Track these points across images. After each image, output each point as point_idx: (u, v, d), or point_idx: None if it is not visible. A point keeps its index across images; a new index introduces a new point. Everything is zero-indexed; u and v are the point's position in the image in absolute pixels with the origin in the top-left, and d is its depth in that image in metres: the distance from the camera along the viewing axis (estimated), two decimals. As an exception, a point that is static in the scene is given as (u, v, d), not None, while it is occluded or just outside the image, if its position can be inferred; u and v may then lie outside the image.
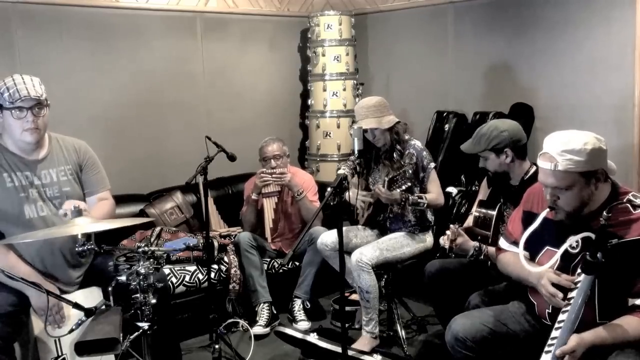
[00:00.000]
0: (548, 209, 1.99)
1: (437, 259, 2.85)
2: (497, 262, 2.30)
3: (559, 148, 1.88)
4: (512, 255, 2.20)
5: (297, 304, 3.54)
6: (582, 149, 1.86)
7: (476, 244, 2.50)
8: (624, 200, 1.91)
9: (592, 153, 1.86)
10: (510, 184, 2.64)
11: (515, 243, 2.20)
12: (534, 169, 2.61)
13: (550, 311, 2.01)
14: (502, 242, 2.30)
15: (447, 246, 2.51)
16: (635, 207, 1.89)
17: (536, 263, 2.08)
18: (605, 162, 1.94)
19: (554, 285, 1.92)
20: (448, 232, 2.52)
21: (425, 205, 3.03)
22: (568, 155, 1.86)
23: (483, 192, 2.84)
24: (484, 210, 2.67)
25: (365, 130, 3.10)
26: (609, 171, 1.97)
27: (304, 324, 3.46)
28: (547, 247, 2.05)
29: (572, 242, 1.95)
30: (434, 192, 3.11)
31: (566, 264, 1.98)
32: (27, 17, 3.52)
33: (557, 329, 1.83)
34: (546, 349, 1.81)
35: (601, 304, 1.87)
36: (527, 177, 2.59)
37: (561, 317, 1.85)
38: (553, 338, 1.81)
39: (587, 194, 1.92)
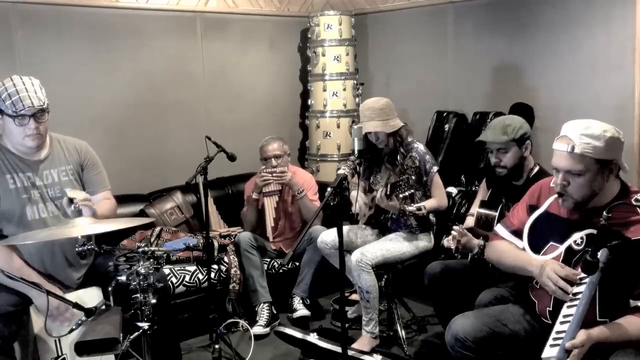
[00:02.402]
0: (556, 196, 1.97)
1: (441, 260, 2.84)
2: (488, 247, 2.27)
3: (579, 132, 1.88)
4: (508, 244, 2.18)
5: (296, 299, 3.54)
6: (602, 134, 1.87)
7: (481, 242, 2.49)
8: (632, 200, 1.91)
9: (610, 141, 1.88)
10: (514, 183, 2.64)
11: (515, 232, 2.19)
12: (537, 168, 2.61)
13: (551, 309, 2.01)
14: (500, 229, 2.26)
15: (453, 247, 2.49)
16: None
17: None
18: (620, 156, 1.94)
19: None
20: (453, 233, 2.50)
21: (426, 213, 3.02)
22: (587, 139, 1.87)
23: (482, 194, 2.84)
24: (485, 211, 2.66)
25: (368, 133, 3.09)
26: (622, 167, 1.96)
27: (303, 312, 3.46)
28: (551, 243, 2.04)
29: (577, 238, 1.95)
30: (437, 197, 3.11)
31: (569, 260, 1.97)
32: (27, 17, 3.52)
33: (562, 323, 1.83)
34: (551, 342, 1.81)
35: (602, 303, 1.87)
36: (532, 175, 2.60)
37: (566, 311, 1.85)
38: (559, 332, 1.81)
39: (598, 184, 1.92)
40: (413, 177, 2.93)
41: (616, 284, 1.84)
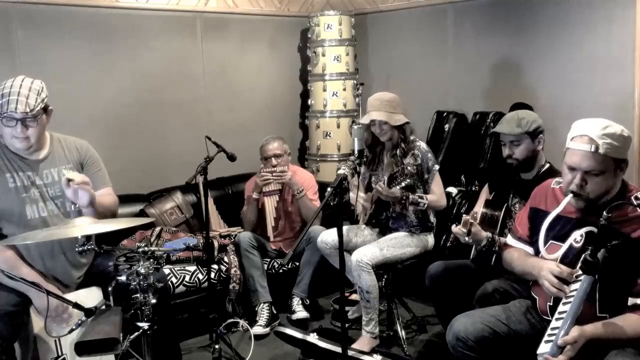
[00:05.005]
0: (571, 195, 1.94)
1: (444, 259, 2.82)
2: (502, 258, 2.29)
3: (599, 131, 1.88)
4: (516, 251, 2.22)
5: (296, 300, 3.54)
6: (621, 134, 1.88)
7: (489, 234, 2.46)
8: (631, 198, 1.91)
9: (627, 140, 1.91)
10: (522, 178, 2.64)
11: (521, 239, 2.23)
12: (547, 165, 2.61)
13: (551, 304, 2.01)
14: (509, 239, 2.31)
15: (465, 230, 2.31)
16: None
17: (540, 257, 2.09)
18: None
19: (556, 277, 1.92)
20: (465, 217, 2.33)
21: (426, 206, 3.04)
22: (609, 139, 1.87)
23: (484, 197, 2.83)
24: (490, 210, 2.66)
25: (372, 123, 3.10)
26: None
27: (302, 314, 3.47)
28: (551, 242, 2.05)
29: (577, 236, 1.96)
30: (437, 194, 3.12)
31: (568, 257, 1.98)
32: (27, 17, 3.52)
33: (557, 319, 1.84)
34: (546, 338, 1.83)
35: (602, 299, 1.88)
36: (541, 172, 2.60)
37: (561, 308, 1.86)
38: (553, 328, 1.83)
39: (612, 182, 1.93)
40: (409, 168, 2.96)
41: (616, 280, 1.85)
